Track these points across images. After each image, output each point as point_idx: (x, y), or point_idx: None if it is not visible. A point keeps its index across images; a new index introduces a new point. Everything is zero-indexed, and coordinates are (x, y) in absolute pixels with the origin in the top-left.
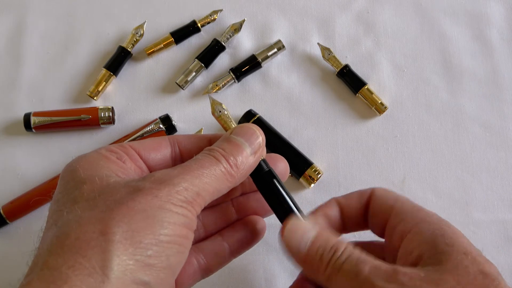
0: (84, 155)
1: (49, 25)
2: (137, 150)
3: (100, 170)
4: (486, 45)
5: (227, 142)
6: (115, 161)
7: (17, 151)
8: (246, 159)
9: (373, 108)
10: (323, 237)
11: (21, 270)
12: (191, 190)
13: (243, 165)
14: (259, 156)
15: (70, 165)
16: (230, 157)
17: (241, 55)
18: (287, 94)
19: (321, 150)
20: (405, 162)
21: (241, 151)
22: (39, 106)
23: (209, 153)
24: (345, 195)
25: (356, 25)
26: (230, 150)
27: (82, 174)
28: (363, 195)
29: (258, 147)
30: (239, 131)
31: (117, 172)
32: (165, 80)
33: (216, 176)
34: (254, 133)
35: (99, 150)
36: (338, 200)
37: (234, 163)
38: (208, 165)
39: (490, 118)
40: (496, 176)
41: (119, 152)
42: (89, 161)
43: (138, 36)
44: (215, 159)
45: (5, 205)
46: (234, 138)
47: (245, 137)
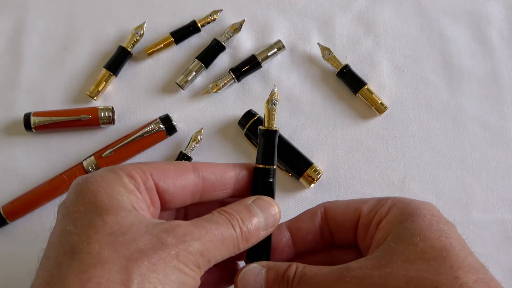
0: (103, 173)
1: (49, 25)
2: (157, 181)
3: (122, 200)
4: (486, 45)
5: (246, 210)
6: (133, 190)
7: (17, 151)
8: (258, 233)
9: (373, 108)
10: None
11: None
12: (205, 256)
13: (253, 239)
14: (269, 233)
15: (89, 181)
16: (245, 229)
17: (241, 55)
18: (287, 94)
19: (321, 150)
20: (405, 162)
21: (255, 225)
22: (39, 106)
23: (228, 217)
24: (294, 218)
25: (356, 25)
26: (247, 221)
27: (106, 200)
28: (314, 214)
29: (272, 225)
30: (260, 204)
31: (134, 204)
32: (165, 80)
33: (228, 245)
34: (274, 211)
35: (119, 172)
36: (288, 225)
37: (246, 236)
38: (225, 232)
39: (490, 118)
40: (496, 176)
41: (138, 182)
42: (110, 185)
43: (138, 36)
44: (232, 227)
45: (5, 205)
46: (254, 209)
47: (264, 212)
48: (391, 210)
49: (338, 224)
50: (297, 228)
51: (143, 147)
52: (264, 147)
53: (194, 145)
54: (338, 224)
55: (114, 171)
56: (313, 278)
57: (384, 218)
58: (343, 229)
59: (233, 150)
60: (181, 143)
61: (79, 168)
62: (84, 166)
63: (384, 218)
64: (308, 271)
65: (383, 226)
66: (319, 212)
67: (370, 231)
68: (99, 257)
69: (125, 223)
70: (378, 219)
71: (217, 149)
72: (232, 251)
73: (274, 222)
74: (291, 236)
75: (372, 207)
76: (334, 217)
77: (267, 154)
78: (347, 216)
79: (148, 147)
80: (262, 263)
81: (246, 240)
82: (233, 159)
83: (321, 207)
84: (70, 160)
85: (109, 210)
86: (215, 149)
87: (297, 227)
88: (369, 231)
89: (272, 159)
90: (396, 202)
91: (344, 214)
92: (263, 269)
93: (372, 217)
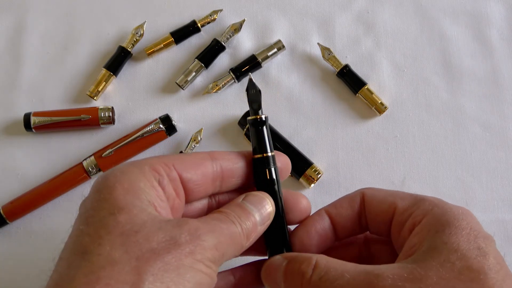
0: (126, 169)
1: (49, 25)
2: (180, 171)
3: (139, 197)
4: (486, 45)
5: (241, 209)
6: (155, 186)
7: (17, 151)
8: (255, 230)
9: (373, 108)
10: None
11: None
12: (219, 249)
13: (253, 235)
14: (266, 226)
15: (109, 178)
16: (244, 225)
17: (241, 55)
18: (287, 94)
19: (321, 150)
20: (405, 162)
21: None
22: (39, 106)
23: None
24: (333, 204)
25: (356, 25)
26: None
27: (122, 197)
28: (353, 200)
29: (267, 219)
30: (251, 200)
31: (155, 201)
32: (165, 80)
33: (235, 240)
34: (266, 203)
35: (142, 165)
36: (327, 211)
37: (247, 233)
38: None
39: (490, 118)
40: (496, 176)
41: (162, 175)
42: (130, 181)
43: (138, 36)
44: (233, 223)
45: (5, 205)
46: (247, 206)
47: (257, 207)
48: (427, 216)
49: (374, 215)
50: (336, 214)
51: (143, 147)
52: (257, 136)
53: (194, 145)
54: (374, 215)
55: (136, 166)
56: (338, 279)
57: (418, 223)
58: (378, 220)
59: (233, 150)
60: (181, 143)
61: (79, 168)
62: (84, 166)
63: (419, 224)
64: (332, 268)
65: (418, 232)
66: (358, 198)
67: (403, 232)
68: (109, 258)
69: (138, 221)
70: (412, 222)
71: (217, 149)
72: (239, 248)
73: (269, 215)
74: (331, 221)
75: (407, 207)
76: (370, 206)
77: (261, 142)
78: (382, 208)
79: (148, 147)
80: (285, 255)
81: (247, 237)
82: None
83: (360, 193)
84: (70, 160)
85: (122, 208)
86: (215, 149)
87: (337, 213)
88: (402, 232)
89: (265, 147)
90: (433, 207)
91: (380, 205)
92: (284, 261)
93: (407, 218)
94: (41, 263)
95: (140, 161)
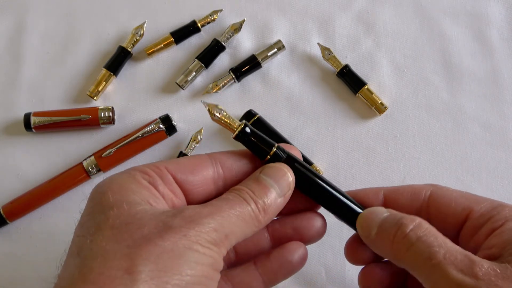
0: (115, 176)
1: (49, 25)
2: (173, 172)
3: (129, 195)
4: (486, 45)
5: (256, 183)
6: (147, 186)
7: (17, 151)
8: (275, 202)
9: (373, 108)
10: (392, 214)
11: (21, 270)
12: (220, 231)
13: (271, 209)
14: (287, 197)
15: (100, 186)
16: (259, 201)
17: (241, 55)
18: (287, 94)
19: (321, 150)
20: (405, 162)
21: (270, 193)
22: (39, 106)
23: (239, 193)
24: (395, 189)
25: (356, 25)
26: (259, 192)
27: (111, 197)
28: (418, 193)
29: (287, 189)
30: (268, 172)
31: (148, 198)
32: (165, 80)
33: (245, 219)
34: (285, 174)
35: (132, 171)
36: (386, 193)
37: (263, 207)
38: (238, 207)
39: (490, 118)
40: (496, 176)
41: (153, 176)
42: (120, 184)
43: (138, 36)
44: (245, 201)
45: (5, 205)
46: (264, 179)
47: (274, 178)
48: (509, 221)
49: (442, 216)
50: (394, 200)
51: (143, 147)
52: (250, 146)
53: (194, 145)
54: (442, 216)
55: (126, 172)
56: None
57: (499, 227)
58: (445, 222)
59: (233, 150)
60: (181, 143)
61: (79, 168)
62: (84, 166)
63: (499, 228)
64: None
65: (498, 236)
66: (424, 193)
67: (478, 236)
68: (101, 250)
69: (129, 214)
70: (491, 227)
71: (217, 149)
72: (253, 226)
73: (289, 185)
74: (385, 204)
75: (485, 211)
76: (438, 207)
77: (258, 147)
78: (453, 211)
79: (148, 147)
80: (389, 210)
81: (264, 211)
82: None
83: (428, 190)
84: (70, 160)
85: (112, 206)
86: (215, 149)
87: (395, 198)
88: (476, 235)
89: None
90: None
91: (450, 208)
92: (386, 212)
93: (484, 222)
94: (41, 263)
95: (130, 168)
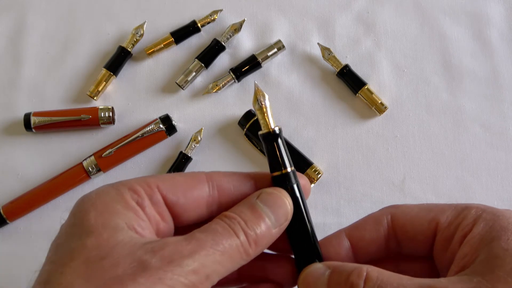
0: (103, 191)
1: (49, 25)
2: (164, 193)
3: (113, 219)
4: (486, 45)
5: (251, 210)
6: (133, 208)
7: (17, 151)
8: (268, 233)
9: (373, 108)
10: (337, 273)
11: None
12: (201, 273)
13: (263, 240)
14: (283, 228)
15: (85, 201)
16: (251, 232)
17: (241, 55)
18: (287, 94)
19: (321, 150)
20: (405, 162)
21: (264, 223)
22: (39, 106)
23: (229, 223)
24: (355, 225)
25: (356, 25)
26: (252, 221)
27: (93, 219)
28: (379, 222)
29: (284, 220)
30: (266, 198)
31: (133, 222)
32: (165, 80)
33: (231, 255)
34: (284, 203)
35: (122, 187)
36: (348, 233)
37: (254, 239)
38: (226, 241)
39: (490, 118)
40: (496, 176)
41: (142, 196)
42: (105, 203)
43: (138, 36)
44: (234, 234)
45: (5, 205)
46: (260, 206)
47: (272, 206)
48: (478, 223)
49: (409, 236)
50: (358, 238)
51: (143, 147)
52: (271, 152)
53: (194, 145)
54: (409, 236)
55: (114, 187)
56: None
57: (469, 231)
58: (414, 241)
59: (233, 150)
60: (181, 143)
61: (79, 168)
62: (84, 166)
63: (470, 232)
64: (386, 281)
65: (469, 242)
66: (385, 219)
67: (452, 246)
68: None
69: (107, 245)
70: (462, 234)
71: (217, 149)
72: (239, 260)
73: (286, 216)
74: (351, 245)
75: (452, 218)
76: (403, 227)
77: (277, 158)
78: (420, 227)
79: (148, 147)
80: (328, 263)
81: (255, 243)
82: (233, 159)
83: (387, 214)
84: (70, 160)
85: (92, 231)
86: (215, 149)
87: (359, 236)
88: (450, 246)
89: (284, 162)
90: (481, 213)
91: (416, 225)
92: (327, 270)
93: (454, 230)
94: (41, 263)
95: (120, 182)
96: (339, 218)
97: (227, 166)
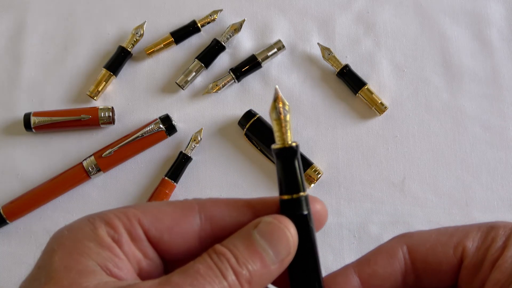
0: (75, 227)
1: (49, 25)
2: (146, 228)
3: (81, 260)
4: (486, 45)
5: (245, 244)
6: (109, 245)
7: (17, 151)
8: (266, 270)
9: (373, 108)
10: None
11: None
12: None
13: (259, 280)
14: (286, 264)
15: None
16: (243, 271)
17: (241, 55)
18: (287, 94)
19: (321, 150)
20: (405, 162)
21: (259, 261)
22: (39, 106)
23: (216, 261)
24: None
25: (356, 25)
26: (246, 258)
27: (56, 262)
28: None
29: (286, 254)
30: (265, 230)
31: (107, 262)
32: (165, 80)
33: None
34: (285, 236)
35: (98, 221)
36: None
37: (247, 278)
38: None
39: (490, 118)
40: (496, 176)
41: (119, 231)
42: (76, 240)
43: (138, 36)
44: (220, 274)
45: (5, 205)
46: (256, 240)
47: (271, 240)
48: (509, 245)
49: (432, 267)
50: (370, 274)
51: (143, 147)
52: (284, 171)
53: (194, 145)
54: (432, 267)
55: (90, 221)
56: None
57: (501, 255)
58: (437, 272)
59: (233, 150)
60: (181, 143)
61: (79, 168)
62: (84, 166)
63: (502, 256)
64: None
65: (501, 266)
66: (400, 251)
67: (481, 273)
68: None
69: None
70: (493, 258)
71: (217, 149)
72: None
73: (288, 250)
74: (362, 283)
75: (480, 242)
76: (424, 259)
77: (290, 179)
78: (444, 256)
79: (148, 147)
80: None
81: (249, 284)
82: (233, 159)
83: (401, 244)
84: (70, 160)
85: (52, 277)
86: (215, 149)
87: (371, 272)
88: (479, 273)
89: (297, 184)
90: (510, 232)
91: (438, 253)
92: None
93: (483, 255)
94: None
95: (97, 214)
96: (339, 218)
97: (227, 166)
